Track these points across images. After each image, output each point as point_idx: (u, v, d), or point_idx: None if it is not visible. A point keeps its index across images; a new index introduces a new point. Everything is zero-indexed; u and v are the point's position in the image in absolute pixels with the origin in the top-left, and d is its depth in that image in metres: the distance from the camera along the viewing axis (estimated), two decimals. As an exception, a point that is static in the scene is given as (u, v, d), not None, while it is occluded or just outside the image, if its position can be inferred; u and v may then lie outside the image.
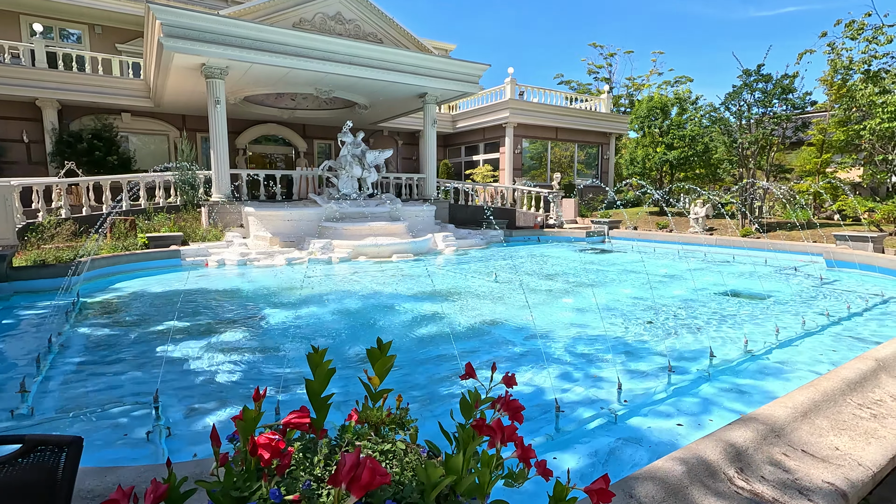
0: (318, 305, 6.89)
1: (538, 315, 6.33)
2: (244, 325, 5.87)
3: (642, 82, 29.49)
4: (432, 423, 3.39)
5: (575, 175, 24.54)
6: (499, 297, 7.43)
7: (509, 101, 20.66)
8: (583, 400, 3.80)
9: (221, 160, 12.50)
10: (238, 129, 20.09)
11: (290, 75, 13.29)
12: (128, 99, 16.88)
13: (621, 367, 4.43)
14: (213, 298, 7.34)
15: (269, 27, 11.99)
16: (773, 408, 2.48)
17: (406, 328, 5.80)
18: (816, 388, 2.73)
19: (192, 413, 3.59)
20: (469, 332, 5.61)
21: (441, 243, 12.73)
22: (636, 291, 7.82)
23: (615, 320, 6.06)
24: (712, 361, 4.45)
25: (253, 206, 12.36)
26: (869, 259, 8.86)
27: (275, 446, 0.87)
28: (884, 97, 12.81)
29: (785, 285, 8.18)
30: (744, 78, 14.73)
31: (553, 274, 9.48)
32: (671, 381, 4.06)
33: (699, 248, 12.97)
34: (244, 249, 10.79)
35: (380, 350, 1.24)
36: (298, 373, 4.36)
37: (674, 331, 5.59)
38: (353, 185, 13.44)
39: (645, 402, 3.73)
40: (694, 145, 17.51)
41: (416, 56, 14.19)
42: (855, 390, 2.84)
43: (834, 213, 18.46)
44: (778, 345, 4.99)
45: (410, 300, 7.20)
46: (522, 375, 4.27)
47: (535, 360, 4.67)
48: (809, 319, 5.90)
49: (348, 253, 11.07)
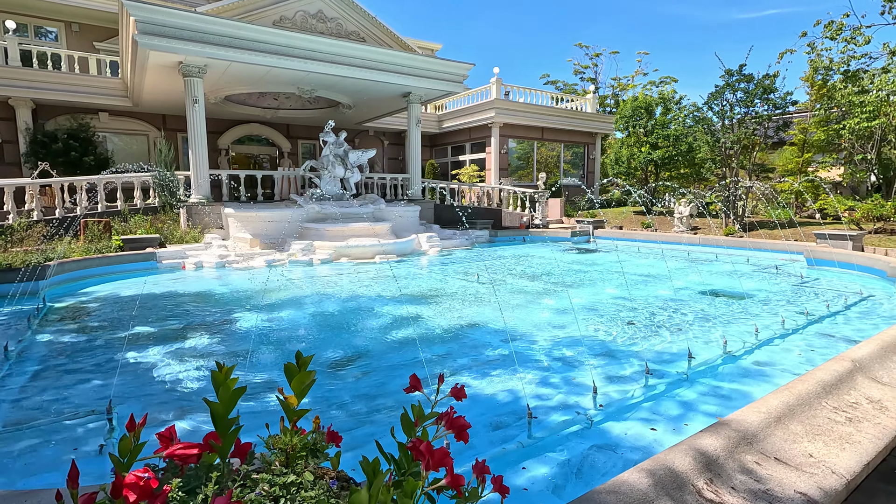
0: (294, 309, 6.72)
1: (518, 317, 6.24)
2: (214, 330, 5.69)
3: (628, 83, 29.63)
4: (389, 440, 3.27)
5: (561, 175, 24.56)
6: (480, 298, 7.33)
7: (495, 100, 20.60)
8: (558, 405, 3.70)
9: (200, 160, 12.24)
10: (220, 129, 19.78)
11: (270, 74, 13.08)
12: (105, 98, 16.49)
13: (600, 371, 4.34)
14: (186, 302, 7.13)
15: (248, 25, 11.77)
16: (746, 413, 2.39)
17: (382, 332, 5.66)
18: (791, 391, 2.65)
19: (148, 424, 3.42)
20: (446, 336, 5.49)
21: (425, 244, 12.61)
22: (618, 291, 7.76)
23: (596, 321, 5.99)
24: (691, 363, 4.38)
25: (233, 208, 12.12)
26: (848, 257, 8.91)
27: (145, 486, 0.74)
28: (862, 97, 12.95)
29: (766, 284, 8.19)
30: (726, 78, 14.82)
31: (536, 274, 9.41)
32: (648, 384, 3.97)
33: (683, 248, 13.00)
34: (223, 251, 10.56)
35: (298, 365, 1.11)
36: (264, 381, 4.21)
37: (654, 332, 5.53)
38: (336, 185, 13.25)
39: (622, 406, 3.64)
40: (678, 145, 17.59)
41: (399, 55, 14.05)
42: (830, 393, 2.77)
43: (816, 213, 18.68)
44: (758, 345, 4.94)
45: (389, 303, 7.06)
46: (497, 380, 4.16)
47: (511, 363, 4.56)
48: (789, 319, 5.88)
49: (330, 254, 10.89)
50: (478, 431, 3.33)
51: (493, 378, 4.21)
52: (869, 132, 15.02)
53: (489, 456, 2.95)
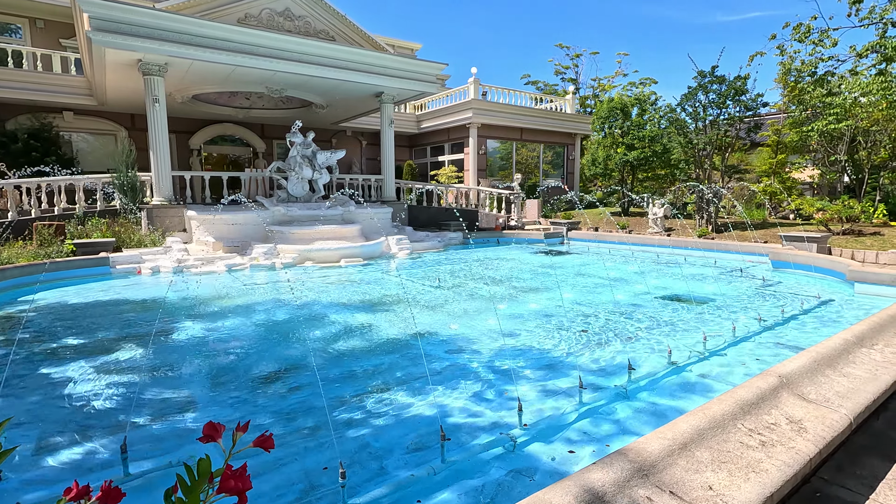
0: (241, 317, 6.48)
1: (470, 324, 6.07)
2: (146, 342, 5.43)
3: (608, 83, 29.71)
4: (300, 464, 3.08)
5: (541, 175, 24.50)
6: (437, 304, 7.15)
7: (472, 101, 20.45)
8: (486, 424, 3.52)
9: (162, 161, 11.90)
10: (191, 128, 19.36)
11: (236, 73, 12.76)
12: (69, 97, 16.02)
13: (537, 384, 4.19)
14: (129, 311, 6.85)
15: (210, 22, 11.45)
16: (648, 441, 2.24)
17: (325, 342, 5.46)
18: (705, 413, 2.51)
19: (41, 450, 3.18)
20: (391, 346, 5.31)
21: (395, 247, 12.40)
22: (580, 296, 7.64)
23: (549, 329, 5.84)
24: (631, 376, 4.24)
25: (195, 210, 11.79)
26: (812, 260, 8.90)
27: None
28: (830, 98, 13.02)
29: (727, 288, 8.13)
30: (699, 79, 14.83)
31: (501, 278, 9.25)
32: (583, 399, 3.82)
33: (654, 250, 12.96)
34: (182, 255, 10.25)
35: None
36: (185, 398, 3.98)
37: (605, 340, 5.39)
38: (304, 186, 12.98)
39: (551, 425, 3.48)
40: (653, 146, 17.60)
41: (369, 54, 13.82)
42: (749, 413, 2.63)
43: (790, 213, 18.84)
44: (706, 355, 4.83)
45: (342, 310, 6.85)
46: (429, 396, 3.98)
47: (449, 377, 4.39)
48: (742, 325, 5.79)
49: (293, 258, 10.64)
50: (393, 454, 3.16)
51: (424, 393, 4.03)
52: (839, 133, 15.15)
53: (395, 483, 2.77)
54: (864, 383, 3.19)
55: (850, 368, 3.43)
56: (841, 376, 3.28)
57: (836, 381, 3.19)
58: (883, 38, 12.22)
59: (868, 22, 12.27)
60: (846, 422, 2.70)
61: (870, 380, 3.26)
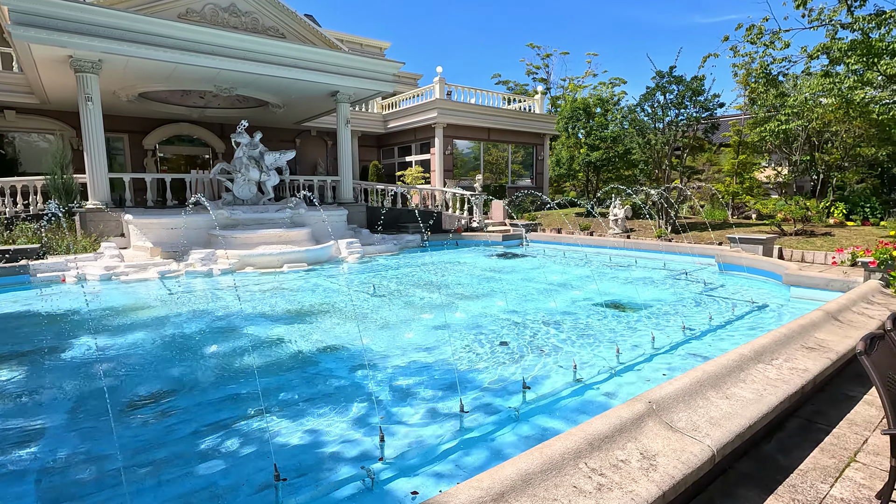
0: (148, 330, 6.09)
1: (388, 337, 5.78)
2: (27, 360, 5.02)
3: (579, 83, 29.71)
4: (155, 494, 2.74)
5: (509, 176, 24.35)
6: (363, 314, 6.84)
7: (437, 100, 20.15)
8: (355, 455, 3.23)
9: (97, 163, 11.36)
10: (144, 128, 18.70)
11: (178, 71, 12.26)
12: (9, 95, 15.27)
13: (428, 406, 3.92)
14: (30, 324, 6.40)
15: (147, 18, 10.95)
16: (457, 492, 1.97)
17: (224, 359, 5.11)
18: (543, 452, 2.25)
19: None
20: (291, 363, 4.99)
21: (345, 250, 12.05)
22: (517, 304, 7.40)
23: (468, 341, 5.58)
24: (526, 396, 3.99)
25: (133, 213, 11.28)
26: (755, 262, 8.82)
27: None
28: (782, 100, 13.06)
29: (667, 293, 7.98)
30: (657, 79, 14.77)
31: (444, 284, 8.99)
32: (463, 426, 3.55)
33: (608, 252, 12.84)
34: (114, 262, 9.76)
35: None
36: (33, 427, 3.62)
37: (522, 354, 5.15)
38: (251, 189, 12.54)
39: (422, 458, 3.19)
40: (615, 147, 17.54)
41: (321, 52, 13.43)
42: (599, 449, 2.39)
43: (753, 213, 18.97)
44: (617, 370, 4.61)
45: (260, 321, 6.50)
46: (306, 423, 3.67)
47: (338, 399, 4.09)
48: (668, 335, 5.61)
49: (232, 264, 10.22)
50: (239, 494, 2.85)
51: (302, 418, 3.73)
52: (794, 134, 15.25)
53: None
54: (744, 406, 2.99)
55: (736, 389, 3.23)
56: (723, 398, 3.08)
57: (715, 405, 2.98)
58: (833, 39, 12.26)
59: (818, 24, 12.30)
60: (707, 455, 2.48)
61: (752, 402, 3.06)
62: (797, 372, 3.56)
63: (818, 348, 4.07)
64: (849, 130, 14.59)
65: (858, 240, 11.47)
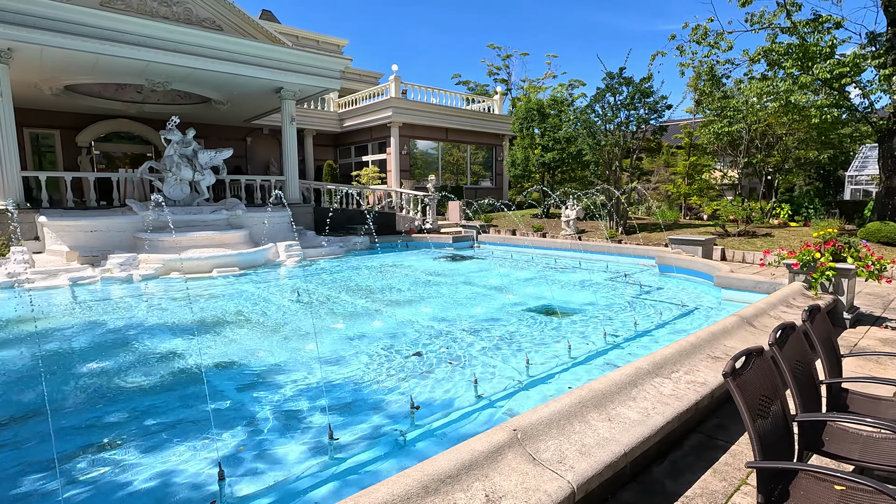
0: (25, 346, 5.48)
1: (292, 348, 5.36)
2: None
3: (539, 84, 29.79)
4: None
5: (469, 177, 24.14)
6: (277, 324, 6.39)
7: (392, 99, 19.73)
8: (203, 498, 2.82)
9: (7, 160, 10.47)
10: (77, 124, 17.61)
11: (102, 62, 11.45)
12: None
13: (312, 433, 3.52)
14: None
15: (63, 4, 10.14)
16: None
17: (103, 377, 4.59)
18: (358, 502, 1.90)
19: None
20: (176, 382, 4.51)
21: (283, 254, 11.50)
22: (445, 310, 7.08)
23: (380, 353, 5.21)
24: (414, 419, 3.65)
25: (47, 215, 10.44)
26: (691, 264, 8.78)
27: None
28: (725, 102, 13.21)
29: (603, 296, 7.82)
30: (607, 80, 14.76)
31: (380, 289, 8.60)
32: (333, 457, 3.18)
33: (555, 253, 12.71)
34: (20, 268, 8.97)
35: None
36: None
37: (431, 367, 4.82)
38: (183, 189, 11.85)
39: (283, 496, 2.80)
40: (569, 147, 17.51)
41: (261, 46, 12.83)
42: (437, 491, 2.06)
43: (703, 214, 19.28)
44: (524, 384, 4.33)
45: (161, 333, 5.97)
46: (157, 457, 3.23)
47: (206, 427, 3.65)
48: (589, 343, 5.39)
49: (156, 269, 9.56)
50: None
51: (154, 453, 3.28)
52: (738, 136, 15.51)
53: None
54: (625, 430, 2.72)
55: (623, 408, 2.96)
56: (604, 421, 2.81)
57: (593, 430, 2.70)
58: (774, 43, 12.47)
59: (759, 27, 12.48)
60: (564, 492, 2.19)
61: (636, 424, 2.80)
62: (694, 386, 3.34)
63: (724, 357, 3.89)
64: (790, 134, 14.94)
65: (796, 240, 11.67)
